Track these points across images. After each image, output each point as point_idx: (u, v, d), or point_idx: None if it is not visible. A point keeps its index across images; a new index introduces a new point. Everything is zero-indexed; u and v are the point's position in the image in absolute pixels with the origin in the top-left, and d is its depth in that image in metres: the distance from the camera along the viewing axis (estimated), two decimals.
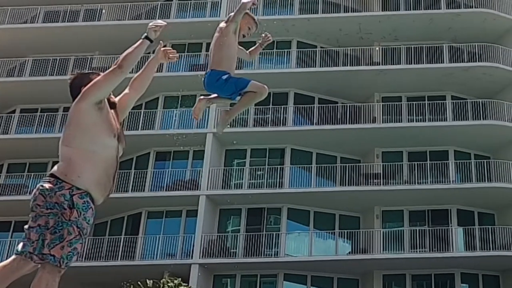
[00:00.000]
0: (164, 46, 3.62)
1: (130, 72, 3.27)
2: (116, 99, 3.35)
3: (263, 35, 4.09)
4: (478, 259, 22.09)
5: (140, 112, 22.71)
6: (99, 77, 3.09)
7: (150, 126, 22.50)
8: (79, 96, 3.07)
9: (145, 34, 3.31)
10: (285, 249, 21.75)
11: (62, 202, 2.87)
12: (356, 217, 23.19)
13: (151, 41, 3.31)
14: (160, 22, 3.35)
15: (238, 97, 3.84)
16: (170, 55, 3.61)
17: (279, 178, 22.62)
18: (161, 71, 23.18)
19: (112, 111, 3.22)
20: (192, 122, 22.81)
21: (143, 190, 21.89)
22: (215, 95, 3.91)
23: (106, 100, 3.17)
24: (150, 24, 3.34)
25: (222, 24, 3.91)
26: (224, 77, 3.75)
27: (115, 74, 3.07)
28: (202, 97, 4.00)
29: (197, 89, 23.43)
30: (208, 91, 3.90)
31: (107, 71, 3.13)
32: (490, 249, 22.10)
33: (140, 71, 3.57)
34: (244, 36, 3.97)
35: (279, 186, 22.43)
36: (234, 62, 3.88)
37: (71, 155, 3.01)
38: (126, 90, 3.48)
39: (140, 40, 3.28)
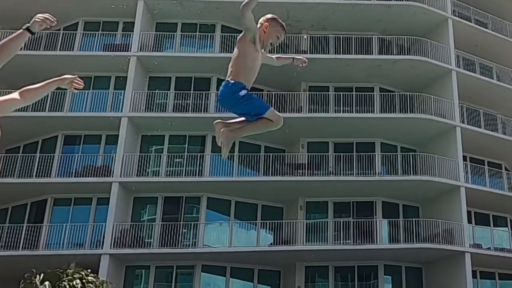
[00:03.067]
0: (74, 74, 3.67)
1: None
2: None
3: (301, 64, 4.37)
4: (401, 251, 23.96)
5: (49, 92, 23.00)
6: None
7: (59, 107, 22.87)
8: None
9: (27, 24, 3.18)
10: (204, 240, 22.72)
11: None
12: (279, 208, 24.55)
13: (32, 33, 3.17)
14: (48, 16, 3.23)
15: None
16: (75, 85, 3.60)
17: (199, 166, 23.62)
18: (73, 50, 23.67)
19: None
20: (106, 104, 23.40)
21: (49, 176, 22.17)
22: (233, 120, 3.99)
23: None
24: (38, 15, 3.22)
25: (241, 34, 3.97)
26: (242, 93, 3.79)
27: None
28: (218, 120, 4.03)
29: (110, 70, 24.32)
30: (222, 103, 3.97)
31: None
32: (413, 241, 24.04)
33: (39, 86, 3.37)
34: (272, 44, 4.05)
35: (198, 175, 23.43)
36: (252, 73, 3.92)
37: None
38: (16, 95, 3.26)
39: (20, 31, 3.14)
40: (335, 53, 26.83)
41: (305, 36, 27.21)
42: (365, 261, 24.01)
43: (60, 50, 24.05)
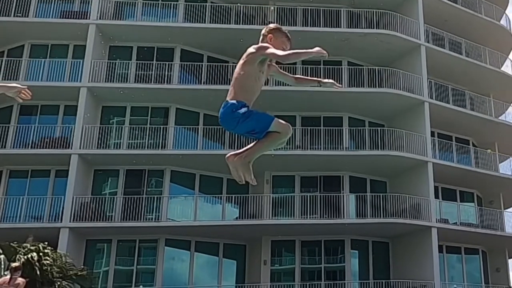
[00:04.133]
0: None
1: None
2: None
3: (334, 87, 4.27)
4: (368, 226, 24.81)
5: (2, 60, 22.95)
6: None
7: (13, 76, 22.80)
8: None
9: None
10: (168, 214, 23.08)
11: None
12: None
13: None
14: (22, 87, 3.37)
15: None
16: (23, 95, 3.69)
17: (162, 139, 23.91)
18: (27, 16, 23.56)
19: None
20: (64, 74, 23.43)
21: (5, 147, 22.16)
22: (246, 147, 3.98)
23: None
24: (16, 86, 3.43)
25: (251, 49, 3.92)
26: (242, 110, 3.77)
27: None
28: (229, 154, 4.00)
29: (68, 39, 24.31)
30: (223, 125, 3.93)
31: None
32: (381, 216, 24.92)
33: None
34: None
35: (162, 147, 23.72)
36: (254, 93, 3.90)
37: None
38: None
39: None
40: (302, 26, 27.35)
41: (272, 8, 27.62)
42: (332, 235, 24.77)
43: (14, 16, 23.89)
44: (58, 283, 17.59)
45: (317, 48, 3.84)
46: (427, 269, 24.46)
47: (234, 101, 3.84)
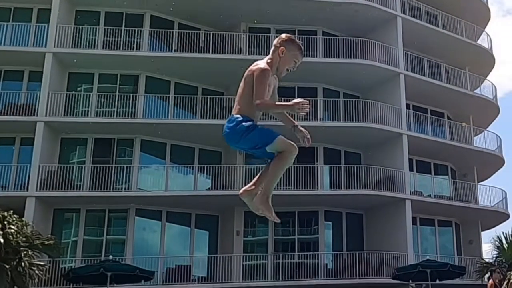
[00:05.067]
0: None
1: None
2: None
3: (302, 139, 4.22)
4: (342, 197, 25.54)
5: None
6: None
7: None
8: None
9: None
10: (138, 183, 23.39)
11: None
12: (217, 152, 25.54)
13: None
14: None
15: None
16: None
17: (132, 107, 24.12)
18: None
19: None
20: (28, 38, 23.39)
21: None
22: (253, 181, 3.94)
23: None
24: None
25: (251, 69, 3.95)
26: (246, 124, 3.81)
27: None
28: (242, 190, 3.98)
29: (32, 2, 24.20)
30: (227, 140, 3.93)
31: None
32: (355, 187, 25.65)
33: None
34: (288, 70, 4.05)
35: (131, 116, 23.94)
36: (259, 111, 3.94)
37: None
38: None
39: None
40: None
41: None
42: (305, 206, 25.44)
43: None
44: (24, 252, 17.80)
45: (295, 100, 3.72)
46: (401, 241, 25.34)
47: (239, 116, 3.91)
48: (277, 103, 3.90)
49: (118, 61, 24.24)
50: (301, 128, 4.28)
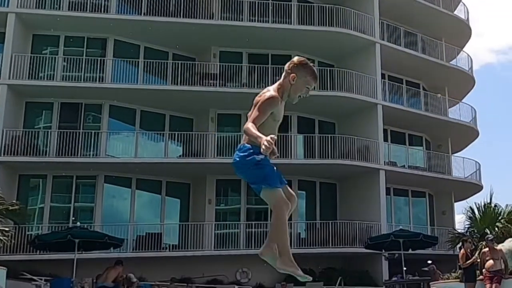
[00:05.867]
0: None
1: None
2: None
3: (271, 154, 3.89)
4: (316, 167, 26.00)
5: None
6: None
7: None
8: None
9: None
10: (107, 150, 23.47)
11: None
12: (189, 119, 25.74)
13: None
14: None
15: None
16: None
17: (100, 72, 24.07)
18: None
19: None
20: None
21: None
22: (269, 237, 3.86)
23: None
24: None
25: (271, 92, 3.83)
26: (258, 157, 3.76)
27: None
28: (261, 250, 3.86)
29: None
30: (235, 170, 3.91)
31: None
32: (329, 157, 26.08)
33: None
34: (300, 97, 3.96)
35: (99, 81, 23.89)
36: (272, 134, 3.82)
37: None
38: None
39: None
40: None
41: None
42: None
43: None
44: None
45: (264, 141, 3.58)
46: (374, 211, 25.99)
47: (250, 146, 3.82)
48: (253, 132, 3.67)
49: (85, 23, 24.10)
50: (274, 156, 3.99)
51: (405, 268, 21.68)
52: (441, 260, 23.69)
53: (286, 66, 3.98)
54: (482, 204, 24.90)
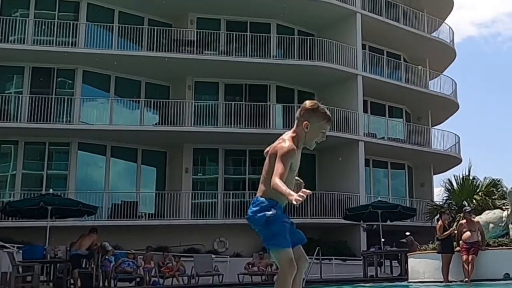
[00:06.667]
0: None
1: None
2: None
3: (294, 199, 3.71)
4: None
5: None
6: None
7: None
8: None
9: None
10: (80, 116, 23.46)
11: None
12: (165, 87, 25.81)
13: None
14: None
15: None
16: None
17: (73, 36, 23.95)
18: None
19: None
20: None
21: None
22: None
23: None
24: None
25: (287, 144, 3.84)
26: (268, 214, 3.73)
27: None
28: None
29: None
30: (250, 224, 3.89)
31: None
32: None
33: None
34: (317, 142, 4.00)
35: (72, 45, 23.78)
36: (289, 187, 3.77)
37: None
38: None
39: None
40: None
41: None
42: (257, 145, 25.88)
43: None
44: None
45: (295, 196, 3.56)
46: (353, 182, 26.46)
47: (263, 199, 3.81)
48: (283, 190, 3.62)
49: None
50: (304, 188, 3.99)
51: (383, 239, 22.15)
52: (419, 232, 24.24)
53: (297, 114, 4.00)
54: (461, 176, 25.51)
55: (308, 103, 3.97)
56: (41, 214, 18.53)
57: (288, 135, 4.01)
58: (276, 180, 3.65)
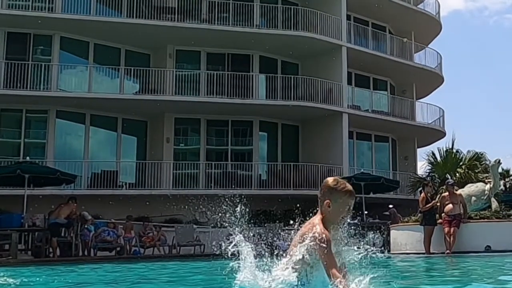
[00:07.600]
0: None
1: None
2: None
3: None
4: (278, 108, 26.52)
5: None
6: None
7: None
8: None
9: None
10: (58, 84, 23.41)
11: None
12: (145, 55, 25.83)
13: None
14: None
15: None
16: None
17: (50, 2, 23.83)
18: None
19: None
20: None
21: None
22: None
23: None
24: None
25: (319, 235, 3.74)
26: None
27: None
28: None
29: None
30: None
31: None
32: (291, 98, 26.61)
33: None
34: (344, 218, 3.92)
35: (49, 10, 23.66)
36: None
37: None
38: None
39: None
40: None
41: None
42: (240, 116, 26.32)
43: None
44: None
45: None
46: (337, 154, 26.80)
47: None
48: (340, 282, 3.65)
49: None
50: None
51: (366, 212, 22.56)
52: (402, 205, 24.71)
53: (319, 194, 3.94)
54: (444, 149, 25.95)
55: (328, 181, 3.92)
56: (18, 182, 18.57)
57: (316, 219, 3.90)
58: (336, 273, 3.65)
